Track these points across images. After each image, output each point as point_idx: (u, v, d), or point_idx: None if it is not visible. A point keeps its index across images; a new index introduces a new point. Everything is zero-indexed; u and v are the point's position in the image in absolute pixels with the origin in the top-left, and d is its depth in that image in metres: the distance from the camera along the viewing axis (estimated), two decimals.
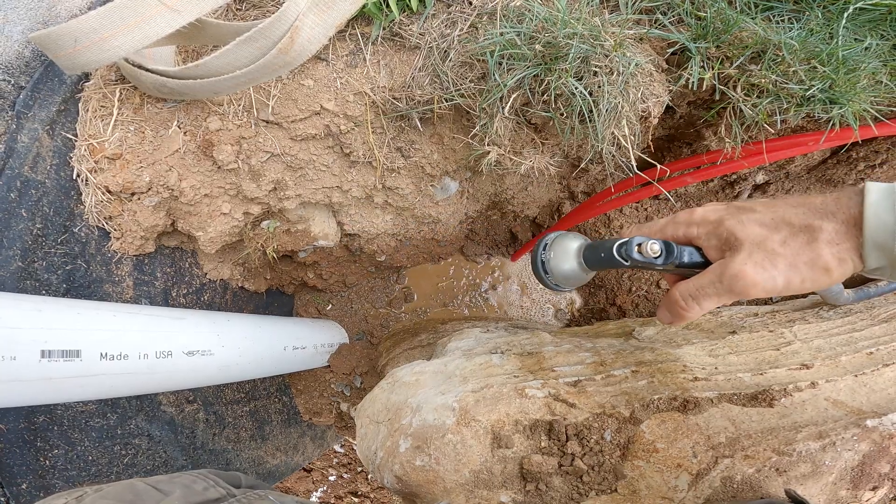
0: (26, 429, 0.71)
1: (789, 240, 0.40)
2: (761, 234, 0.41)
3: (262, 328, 0.96)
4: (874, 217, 0.37)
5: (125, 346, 0.67)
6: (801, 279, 0.40)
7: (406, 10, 0.68)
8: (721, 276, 0.42)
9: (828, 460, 0.56)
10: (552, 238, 0.55)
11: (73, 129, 0.70)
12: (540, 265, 0.55)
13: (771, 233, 0.40)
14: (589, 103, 0.60)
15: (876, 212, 0.37)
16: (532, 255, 0.56)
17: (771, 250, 0.40)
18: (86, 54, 0.49)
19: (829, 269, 0.39)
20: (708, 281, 0.43)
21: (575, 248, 0.54)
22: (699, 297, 0.44)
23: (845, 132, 0.66)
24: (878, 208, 0.37)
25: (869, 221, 0.37)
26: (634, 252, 0.45)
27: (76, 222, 0.74)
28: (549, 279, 0.55)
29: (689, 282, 0.44)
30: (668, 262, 0.45)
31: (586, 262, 0.53)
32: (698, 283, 0.44)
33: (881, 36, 0.62)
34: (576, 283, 0.56)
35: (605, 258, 0.49)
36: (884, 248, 0.38)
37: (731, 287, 0.41)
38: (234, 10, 0.67)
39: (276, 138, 0.72)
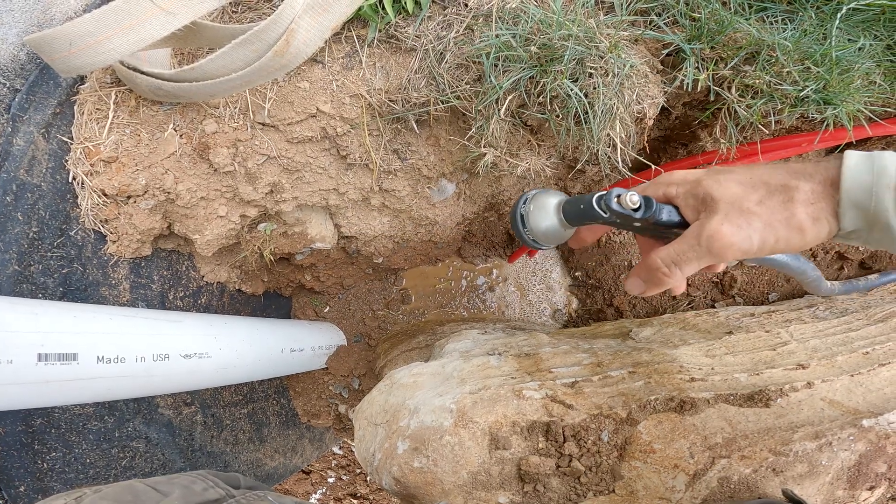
0: (24, 432, 0.71)
1: (765, 199, 0.40)
2: (738, 193, 0.40)
3: (260, 330, 0.96)
4: (851, 178, 0.37)
5: (122, 349, 0.67)
6: (775, 238, 0.40)
7: (402, 12, 0.68)
8: (699, 238, 0.41)
9: (824, 460, 0.56)
10: (532, 193, 0.54)
11: (69, 131, 0.70)
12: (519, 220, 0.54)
13: (748, 192, 0.40)
14: (584, 105, 0.60)
15: (853, 173, 0.37)
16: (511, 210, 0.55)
17: (747, 209, 0.40)
18: (81, 57, 0.49)
19: (803, 228, 0.39)
20: (687, 245, 0.42)
21: (555, 203, 0.53)
22: (680, 261, 0.43)
23: (839, 132, 0.66)
24: (856, 170, 0.37)
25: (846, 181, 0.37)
26: (613, 202, 0.45)
27: (72, 225, 0.73)
28: (527, 234, 0.54)
29: (669, 247, 0.44)
30: (646, 216, 0.44)
31: (566, 217, 0.52)
32: (678, 247, 0.43)
33: (875, 36, 0.62)
34: (554, 240, 0.55)
35: (584, 210, 0.48)
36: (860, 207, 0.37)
37: (710, 248, 0.41)
38: (229, 12, 0.67)
39: (272, 141, 0.72)
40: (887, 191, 0.36)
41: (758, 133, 0.71)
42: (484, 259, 1.28)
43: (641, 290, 0.48)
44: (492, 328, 1.03)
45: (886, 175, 0.36)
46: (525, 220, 0.54)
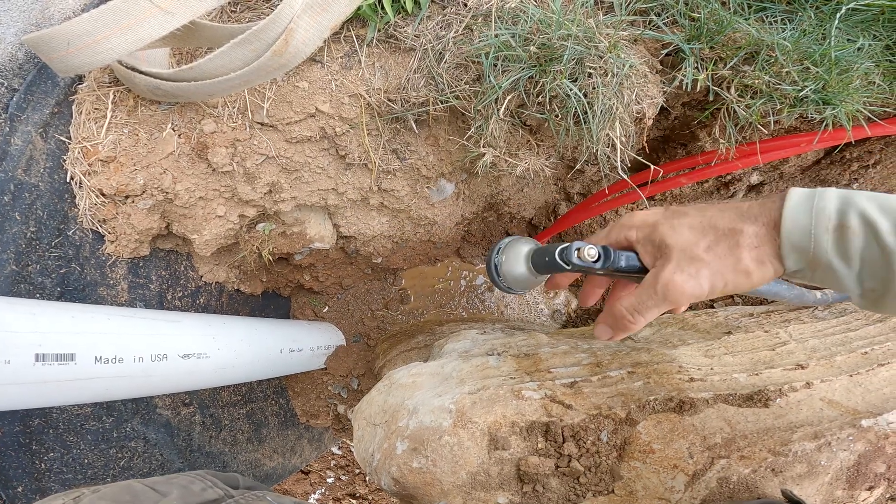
0: (21, 432, 0.71)
1: (713, 245, 0.41)
2: (689, 241, 0.42)
3: (259, 330, 0.95)
4: (791, 219, 0.38)
5: (120, 349, 0.67)
6: (724, 283, 0.42)
7: (401, 11, 0.68)
8: (655, 287, 0.44)
9: (823, 460, 0.56)
10: (505, 243, 0.57)
11: (67, 131, 0.69)
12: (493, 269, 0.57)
13: (698, 238, 0.42)
14: (584, 105, 0.60)
15: (793, 214, 0.38)
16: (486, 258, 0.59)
17: (696, 257, 0.42)
18: (79, 57, 0.49)
19: (749, 272, 0.41)
20: (646, 294, 0.45)
21: (525, 253, 0.56)
22: (641, 309, 0.45)
23: (838, 133, 0.66)
24: (796, 211, 0.38)
25: (786, 223, 0.38)
26: (574, 256, 0.47)
27: (70, 225, 0.73)
28: (501, 282, 0.58)
29: (631, 296, 0.46)
30: (605, 266, 0.47)
31: (534, 266, 0.55)
32: (639, 296, 0.45)
33: (874, 36, 0.62)
34: (526, 287, 0.58)
35: (549, 262, 0.51)
36: (800, 250, 0.38)
37: (665, 296, 0.43)
38: (228, 12, 0.67)
39: (271, 141, 0.72)
40: (825, 233, 0.37)
41: (757, 133, 0.71)
42: (483, 259, 1.28)
43: (609, 336, 0.50)
44: (491, 328, 1.03)
45: (824, 216, 0.37)
46: (498, 269, 0.57)
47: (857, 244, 0.37)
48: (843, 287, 0.40)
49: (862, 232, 0.37)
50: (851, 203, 0.37)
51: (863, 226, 0.37)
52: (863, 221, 0.37)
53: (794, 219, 0.38)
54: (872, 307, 0.40)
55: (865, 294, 0.39)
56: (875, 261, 0.37)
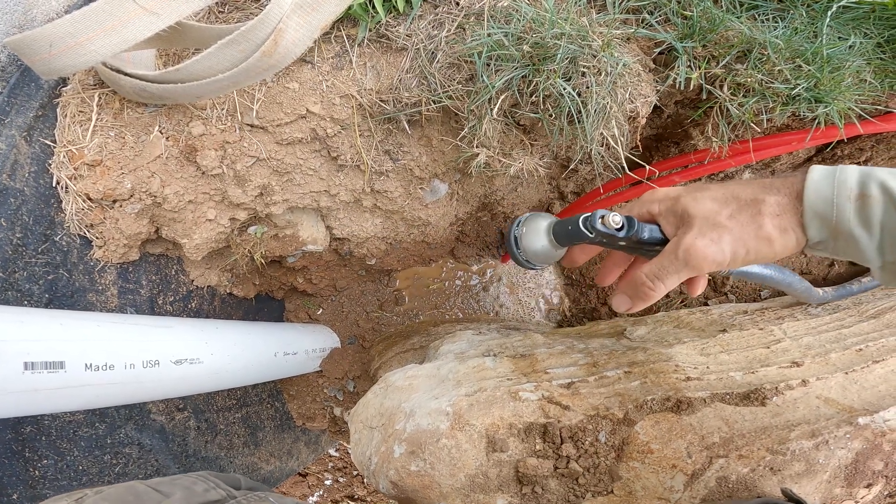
0: (13, 439, 0.70)
1: (736, 213, 0.42)
2: (711, 209, 0.43)
3: (252, 334, 0.95)
4: (814, 190, 0.40)
5: (110, 356, 0.66)
6: (746, 250, 0.42)
7: (392, 11, 0.67)
8: (676, 252, 0.44)
9: (821, 459, 0.56)
10: (525, 217, 0.58)
11: (52, 135, 0.68)
12: (513, 242, 0.58)
13: (721, 207, 0.43)
14: (577, 104, 0.60)
15: (816, 185, 0.40)
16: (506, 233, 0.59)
17: (719, 224, 0.43)
18: (61, 59, 0.47)
19: (771, 239, 0.41)
20: (667, 260, 0.45)
21: (545, 226, 0.57)
22: (662, 275, 0.46)
23: (830, 130, 0.66)
24: (819, 182, 0.40)
25: (809, 193, 0.40)
26: (598, 223, 0.48)
27: (57, 231, 0.72)
28: (521, 255, 0.59)
29: (651, 263, 0.47)
30: (628, 235, 0.48)
31: (555, 238, 0.56)
32: (659, 262, 0.46)
33: (865, 34, 0.62)
34: (546, 261, 0.59)
35: (572, 231, 0.52)
36: (823, 217, 0.40)
37: (687, 261, 0.44)
38: (216, 12, 0.66)
39: (261, 143, 0.71)
40: (847, 202, 0.39)
41: (750, 131, 0.71)
42: (477, 259, 1.28)
43: (628, 306, 0.51)
44: (486, 329, 1.03)
45: (846, 187, 0.39)
46: (518, 242, 0.58)
47: (878, 212, 0.38)
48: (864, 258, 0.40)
49: (882, 200, 0.38)
50: (872, 175, 0.38)
51: (883, 195, 0.38)
52: (883, 190, 0.38)
53: (817, 189, 0.39)
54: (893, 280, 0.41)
55: (886, 266, 0.39)
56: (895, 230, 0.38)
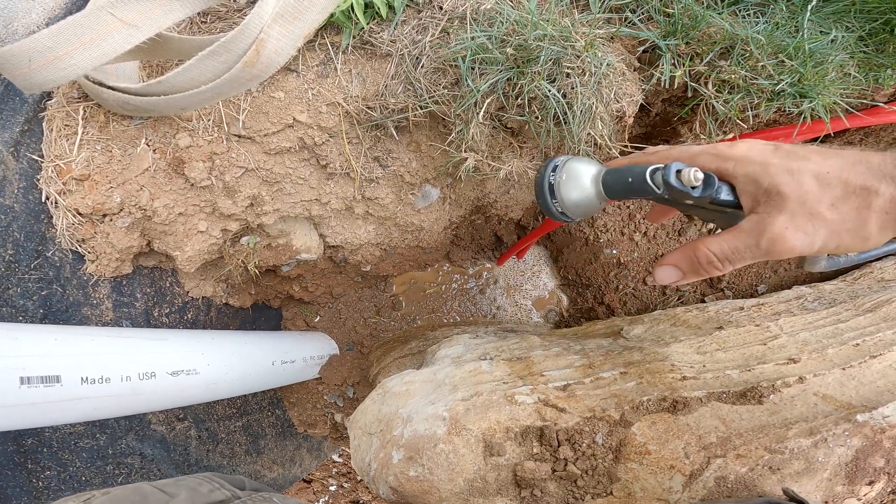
0: (16, 451, 0.71)
1: (840, 202, 0.36)
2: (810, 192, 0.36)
3: (249, 344, 0.94)
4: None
5: (106, 369, 0.66)
6: (837, 244, 0.37)
7: (376, 17, 0.67)
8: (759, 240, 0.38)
9: (821, 457, 0.55)
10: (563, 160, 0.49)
11: (39, 149, 0.68)
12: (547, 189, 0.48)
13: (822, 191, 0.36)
14: (563, 105, 0.60)
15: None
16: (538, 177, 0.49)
17: (817, 213, 0.36)
18: (42, 73, 0.47)
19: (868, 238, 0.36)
20: (744, 244, 0.39)
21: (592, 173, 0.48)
22: (736, 259, 0.40)
23: (817, 125, 0.66)
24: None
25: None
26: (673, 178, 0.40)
27: (49, 246, 0.72)
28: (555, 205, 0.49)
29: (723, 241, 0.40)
30: (704, 195, 0.40)
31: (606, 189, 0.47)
32: (733, 244, 0.39)
33: (846, 28, 0.62)
34: (586, 213, 0.50)
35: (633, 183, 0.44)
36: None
37: (769, 251, 0.38)
38: (198, 23, 0.66)
39: (249, 153, 0.71)
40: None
41: (737, 128, 0.71)
42: (473, 262, 1.28)
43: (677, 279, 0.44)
44: (483, 332, 1.02)
45: None
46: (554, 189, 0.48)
47: None
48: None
49: None
50: None
51: None
52: None
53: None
54: None
55: None
56: None
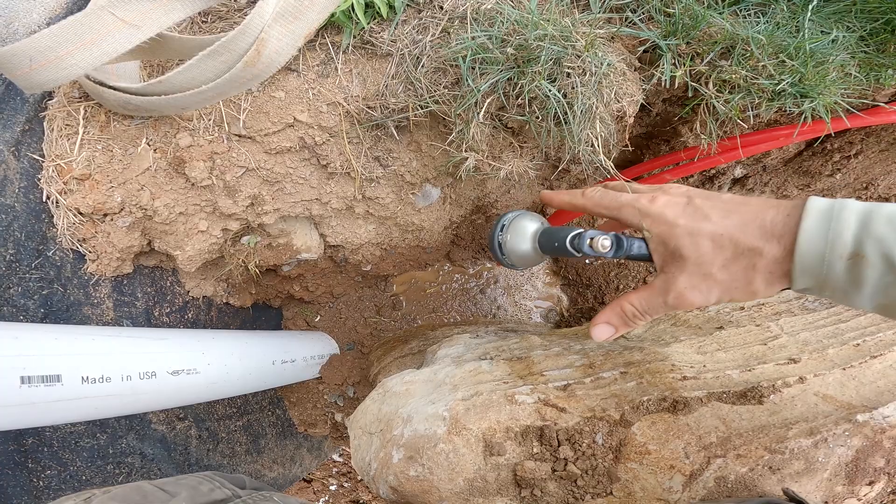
0: (16, 450, 0.71)
1: (730, 263, 0.41)
2: (706, 255, 0.42)
3: (249, 343, 0.94)
4: (806, 243, 0.38)
5: (107, 368, 0.66)
6: (730, 298, 0.43)
7: (376, 17, 0.67)
8: (666, 297, 0.45)
9: (821, 457, 0.55)
10: (510, 219, 0.58)
11: (40, 149, 0.68)
12: (497, 246, 0.58)
13: (715, 253, 0.41)
14: (563, 105, 0.60)
15: (809, 238, 0.37)
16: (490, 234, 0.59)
17: (710, 275, 0.42)
18: (42, 73, 0.47)
19: (756, 292, 0.42)
20: (655, 301, 0.47)
21: (531, 232, 0.57)
22: (651, 311, 0.48)
23: (818, 125, 0.66)
24: (812, 234, 0.37)
25: (801, 248, 0.38)
26: (586, 246, 0.49)
27: (49, 246, 0.72)
28: (504, 259, 0.59)
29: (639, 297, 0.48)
30: (617, 255, 0.48)
31: (540, 247, 0.56)
32: (648, 300, 0.47)
33: (847, 28, 0.62)
34: (531, 265, 0.60)
35: (558, 247, 0.52)
36: (812, 274, 0.38)
37: (675, 307, 0.45)
38: (199, 23, 0.66)
39: (249, 152, 0.71)
40: (839, 260, 0.37)
41: (737, 128, 0.71)
42: (474, 262, 1.28)
43: (611, 334, 0.52)
44: (484, 331, 1.02)
45: (840, 243, 0.36)
46: (503, 246, 0.58)
47: (873, 274, 0.36)
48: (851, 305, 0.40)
49: (879, 263, 0.35)
50: (870, 230, 0.35)
51: (880, 257, 0.35)
52: (880, 253, 0.35)
53: (810, 242, 0.37)
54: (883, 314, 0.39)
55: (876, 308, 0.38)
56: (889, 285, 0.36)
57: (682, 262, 0.43)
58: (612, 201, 0.49)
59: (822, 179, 0.85)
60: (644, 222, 0.46)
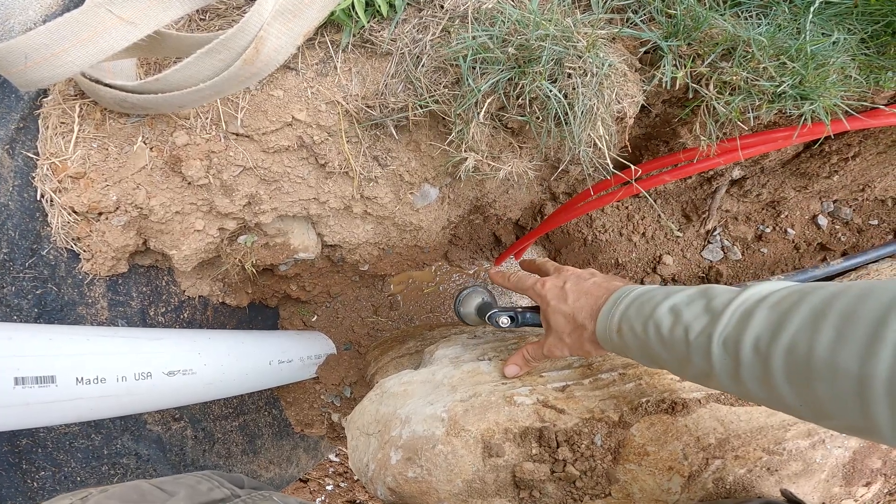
0: (10, 452, 0.71)
1: (571, 332, 0.61)
2: (560, 328, 0.62)
3: (245, 343, 0.94)
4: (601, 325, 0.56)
5: (101, 369, 0.66)
6: (577, 354, 0.63)
7: (376, 15, 0.67)
8: (542, 349, 0.65)
9: (818, 458, 0.56)
10: (465, 294, 0.85)
11: (34, 147, 0.67)
12: (457, 311, 0.85)
13: (564, 327, 0.61)
14: (564, 106, 0.60)
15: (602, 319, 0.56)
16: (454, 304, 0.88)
17: (561, 339, 0.62)
18: (38, 71, 0.47)
19: (588, 352, 0.61)
20: (539, 352, 0.66)
21: (475, 304, 0.84)
22: (538, 359, 0.67)
23: (817, 127, 0.66)
24: (603, 317, 0.56)
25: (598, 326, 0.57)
26: (496, 322, 0.73)
27: (44, 245, 0.71)
28: (463, 319, 0.86)
29: (532, 349, 0.67)
30: (516, 327, 0.74)
31: (478, 316, 0.83)
32: (535, 352, 0.67)
33: (848, 30, 0.62)
34: (479, 324, 0.86)
35: (488, 319, 0.74)
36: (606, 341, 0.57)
37: (547, 356, 0.65)
38: (197, 20, 0.65)
39: (247, 151, 0.71)
40: (613, 332, 0.55)
41: (737, 129, 0.71)
42: (471, 262, 1.27)
43: (518, 372, 0.69)
44: (481, 332, 1.02)
45: (612, 322, 0.55)
46: (459, 313, 0.85)
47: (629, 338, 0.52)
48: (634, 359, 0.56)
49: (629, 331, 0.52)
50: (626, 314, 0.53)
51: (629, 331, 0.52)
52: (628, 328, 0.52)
53: (602, 322, 0.56)
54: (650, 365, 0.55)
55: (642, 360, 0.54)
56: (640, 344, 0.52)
57: (550, 329, 0.63)
58: (521, 284, 0.70)
59: (820, 181, 0.85)
60: (538, 300, 0.66)
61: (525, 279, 0.70)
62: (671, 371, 0.51)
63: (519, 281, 0.72)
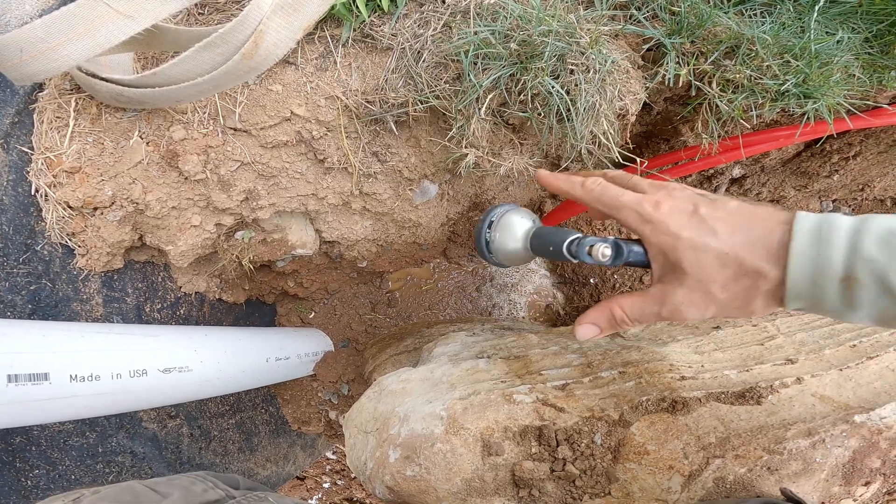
0: (3, 450, 0.70)
1: (731, 283, 0.40)
2: (708, 272, 0.40)
3: (242, 340, 0.93)
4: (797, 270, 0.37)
5: (96, 366, 0.65)
6: (725, 316, 0.43)
7: (377, 10, 0.66)
8: (661, 309, 0.44)
9: (818, 457, 0.56)
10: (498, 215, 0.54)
11: (29, 141, 0.66)
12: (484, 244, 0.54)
13: (717, 272, 0.40)
14: (566, 102, 0.59)
15: (799, 262, 0.37)
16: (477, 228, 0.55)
17: (710, 293, 0.41)
18: (33, 65, 0.46)
19: (755, 312, 0.41)
20: (650, 310, 0.45)
21: (523, 232, 0.53)
22: (643, 319, 0.46)
23: (820, 126, 0.66)
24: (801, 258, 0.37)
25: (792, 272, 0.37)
26: (584, 254, 0.45)
27: (38, 240, 0.70)
28: (491, 258, 0.55)
29: (634, 304, 0.46)
30: (614, 264, 0.45)
31: (532, 250, 0.52)
32: (642, 308, 0.45)
33: (852, 29, 0.62)
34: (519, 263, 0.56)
35: (553, 251, 0.48)
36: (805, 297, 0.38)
37: (668, 318, 0.44)
38: (195, 14, 0.64)
39: (245, 146, 0.70)
40: (832, 283, 0.36)
41: (739, 128, 0.71)
42: (470, 259, 1.27)
43: (596, 334, 0.49)
44: (480, 329, 1.02)
45: (831, 268, 0.36)
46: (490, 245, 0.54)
47: (867, 296, 0.35)
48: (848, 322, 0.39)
49: (873, 285, 0.34)
50: (860, 251, 0.34)
51: (873, 280, 0.34)
52: (873, 275, 0.34)
53: (800, 266, 0.37)
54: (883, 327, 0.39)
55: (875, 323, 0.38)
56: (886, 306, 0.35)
57: (681, 276, 0.41)
58: (612, 199, 0.45)
59: (820, 180, 0.86)
60: (645, 228, 0.43)
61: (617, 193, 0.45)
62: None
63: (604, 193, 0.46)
